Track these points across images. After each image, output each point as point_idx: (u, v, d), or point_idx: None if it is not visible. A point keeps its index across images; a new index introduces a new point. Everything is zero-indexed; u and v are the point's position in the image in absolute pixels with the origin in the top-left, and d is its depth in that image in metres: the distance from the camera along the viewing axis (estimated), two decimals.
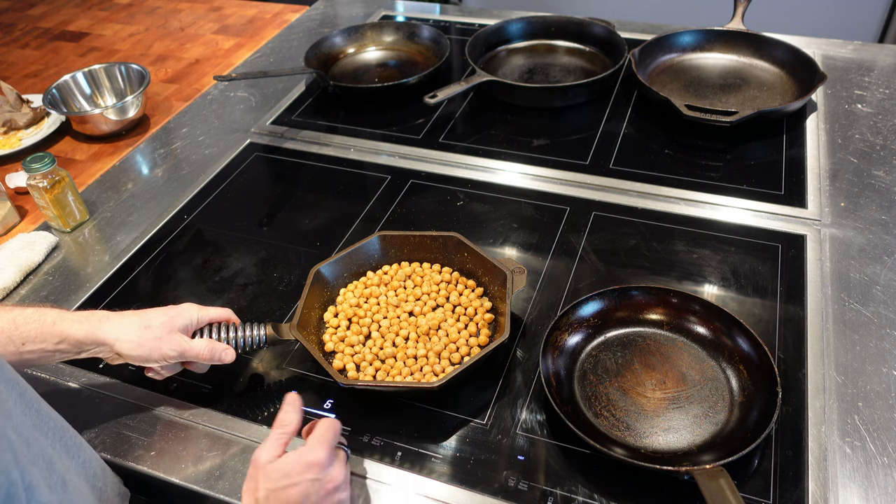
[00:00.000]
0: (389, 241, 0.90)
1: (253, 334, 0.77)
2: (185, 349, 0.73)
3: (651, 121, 1.20)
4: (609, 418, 0.73)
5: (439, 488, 0.69)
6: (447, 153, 1.16)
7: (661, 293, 0.82)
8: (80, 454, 0.63)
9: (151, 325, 0.72)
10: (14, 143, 1.26)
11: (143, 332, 0.71)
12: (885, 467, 0.69)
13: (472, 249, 0.87)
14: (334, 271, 0.87)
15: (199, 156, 1.20)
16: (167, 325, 0.72)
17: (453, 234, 0.88)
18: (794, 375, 0.77)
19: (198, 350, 0.73)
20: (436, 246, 0.90)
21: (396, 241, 0.90)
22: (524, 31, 1.42)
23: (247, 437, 0.75)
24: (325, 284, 0.86)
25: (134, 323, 0.72)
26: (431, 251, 0.90)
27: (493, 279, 0.85)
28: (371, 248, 0.90)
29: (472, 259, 0.87)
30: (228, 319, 0.78)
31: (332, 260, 0.87)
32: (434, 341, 0.80)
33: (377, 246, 0.90)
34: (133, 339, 0.71)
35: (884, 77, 1.28)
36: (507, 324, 0.76)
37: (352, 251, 0.88)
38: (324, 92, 1.34)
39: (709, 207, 1.01)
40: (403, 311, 0.84)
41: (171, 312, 0.74)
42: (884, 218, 0.98)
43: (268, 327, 0.77)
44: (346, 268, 0.88)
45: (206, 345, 0.74)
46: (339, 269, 0.88)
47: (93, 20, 1.77)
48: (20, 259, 0.97)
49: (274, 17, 1.72)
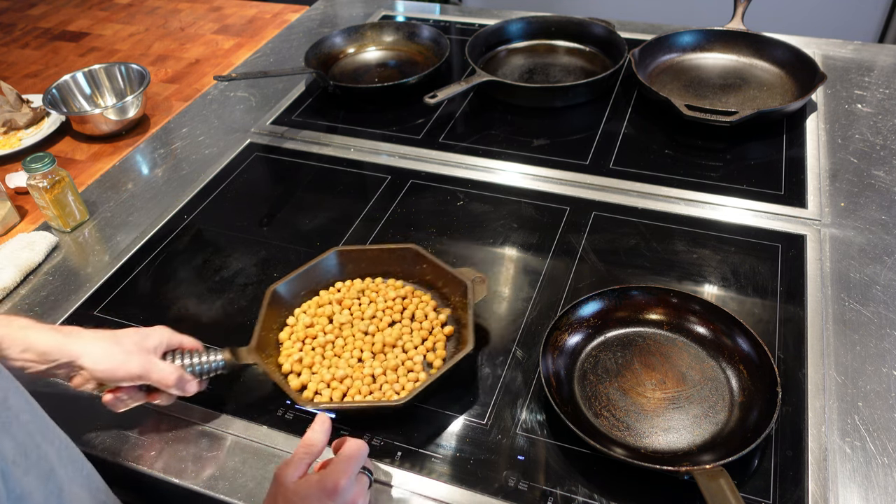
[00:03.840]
0: (346, 256, 0.88)
1: (210, 360, 0.74)
2: (152, 369, 0.70)
3: (651, 121, 1.20)
4: (609, 418, 0.73)
5: (439, 488, 0.69)
6: (447, 153, 1.16)
7: (661, 293, 0.82)
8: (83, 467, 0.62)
9: (121, 341, 0.70)
10: (14, 143, 1.26)
11: (111, 346, 0.69)
12: (885, 467, 0.69)
13: (430, 261, 0.85)
14: (291, 290, 0.85)
15: (199, 156, 1.20)
16: (137, 343, 0.70)
17: (410, 246, 0.87)
18: (794, 375, 0.77)
19: (164, 373, 0.70)
20: (394, 259, 0.88)
21: (353, 255, 0.88)
22: (524, 31, 1.42)
23: (247, 438, 0.75)
24: (283, 304, 0.84)
25: (103, 338, 0.70)
26: (390, 264, 0.88)
27: (454, 290, 0.83)
28: (328, 264, 0.87)
29: (431, 270, 0.86)
30: (196, 348, 0.76)
31: (288, 279, 0.84)
32: (391, 358, 0.78)
33: (334, 262, 0.88)
34: (99, 353, 0.68)
35: (884, 77, 1.28)
36: (471, 335, 0.75)
37: (308, 268, 0.86)
38: (324, 92, 1.34)
39: (709, 207, 1.01)
40: (359, 329, 0.82)
41: (143, 332, 0.72)
42: (884, 218, 0.98)
43: (226, 353, 0.75)
44: (304, 285, 0.86)
45: (173, 370, 0.71)
46: (297, 287, 0.85)
47: (93, 20, 1.77)
48: (20, 259, 0.97)
49: (274, 17, 1.72)
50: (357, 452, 0.63)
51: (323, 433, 0.65)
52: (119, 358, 0.69)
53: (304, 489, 0.60)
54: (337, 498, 0.60)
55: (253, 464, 0.73)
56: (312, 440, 0.64)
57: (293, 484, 0.61)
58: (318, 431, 0.65)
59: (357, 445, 0.64)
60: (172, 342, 0.74)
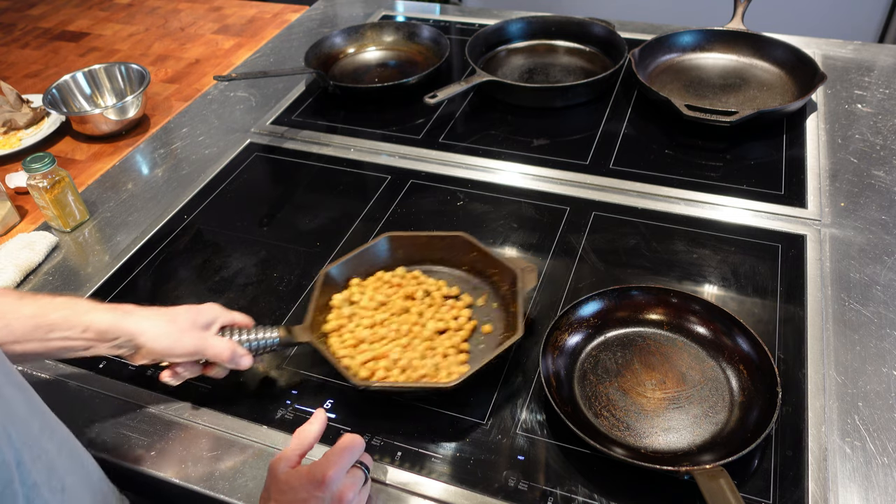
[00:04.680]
0: (397, 242, 0.90)
1: (266, 336, 0.77)
2: (207, 345, 0.72)
3: (651, 121, 1.20)
4: (609, 418, 0.73)
5: (439, 488, 0.69)
6: (447, 153, 1.16)
7: (661, 293, 0.82)
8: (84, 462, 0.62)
9: (176, 318, 0.72)
10: (14, 143, 1.26)
11: (167, 324, 0.71)
12: (885, 467, 0.69)
13: (480, 249, 0.87)
14: (343, 273, 0.87)
15: (199, 156, 1.20)
16: (191, 320, 0.73)
17: (460, 234, 0.88)
18: (794, 375, 0.77)
19: (218, 349, 0.72)
20: (443, 246, 0.89)
21: (404, 241, 0.90)
22: (524, 31, 1.42)
23: (247, 437, 0.75)
24: (334, 286, 0.86)
25: (159, 316, 0.72)
26: (440, 251, 0.90)
27: (503, 278, 0.85)
28: (379, 249, 0.89)
29: (480, 258, 0.87)
30: (249, 324, 0.78)
31: (340, 261, 0.86)
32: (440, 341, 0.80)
33: (385, 247, 0.90)
34: (157, 331, 0.70)
35: (884, 77, 1.28)
36: (521, 322, 0.76)
37: (360, 252, 0.88)
38: (324, 92, 1.34)
39: (709, 207, 1.01)
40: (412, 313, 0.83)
41: (195, 309, 0.74)
42: (884, 218, 0.98)
43: (281, 330, 0.77)
44: (354, 269, 0.88)
45: (228, 345, 0.73)
46: (348, 270, 0.87)
47: (93, 20, 1.77)
48: (20, 259, 0.97)
49: (274, 17, 1.72)
50: (350, 446, 0.64)
51: (317, 425, 0.66)
52: (175, 336, 0.71)
53: (294, 479, 0.61)
54: (325, 489, 0.60)
55: (253, 464, 0.73)
56: (305, 432, 0.65)
57: (284, 474, 0.62)
58: (314, 424, 0.66)
59: (351, 439, 0.65)
60: (225, 318, 0.76)
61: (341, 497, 0.61)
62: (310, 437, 0.66)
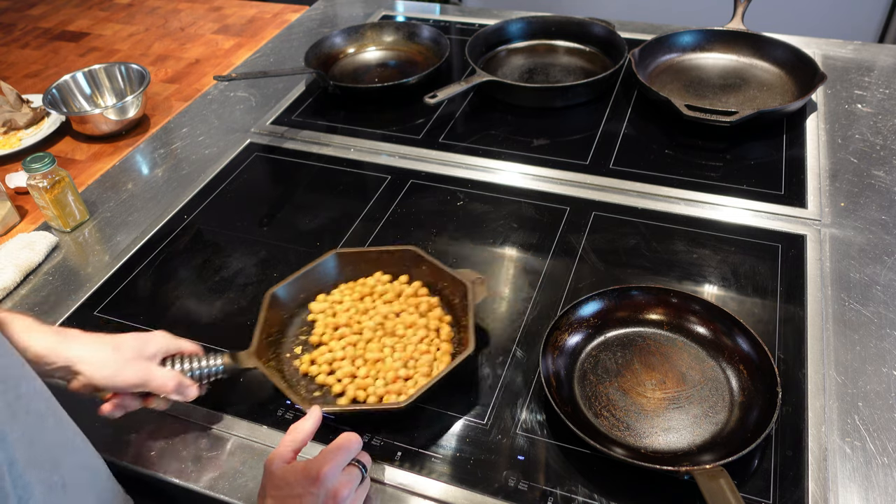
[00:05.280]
0: (345, 259, 0.88)
1: (209, 364, 0.74)
2: (151, 377, 0.69)
3: (651, 121, 1.20)
4: (609, 418, 0.73)
5: (439, 488, 0.69)
6: (447, 153, 1.16)
7: (661, 293, 0.82)
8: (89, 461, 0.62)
9: (120, 347, 0.69)
10: (14, 143, 1.26)
11: (111, 353, 0.68)
12: (885, 467, 0.69)
13: (429, 262, 0.85)
14: (290, 293, 0.84)
15: (199, 156, 1.20)
16: (137, 350, 0.70)
17: (410, 248, 0.86)
18: (794, 375, 0.77)
19: (163, 380, 0.69)
20: (393, 260, 0.87)
21: (352, 257, 0.88)
22: (524, 31, 1.42)
23: (247, 437, 0.75)
24: (281, 307, 0.84)
25: (103, 344, 0.69)
26: (389, 266, 0.88)
27: (454, 291, 0.83)
28: (327, 267, 0.87)
29: (430, 272, 0.85)
30: (196, 352, 0.76)
31: (286, 282, 0.84)
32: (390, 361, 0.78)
33: (333, 264, 0.87)
34: (98, 360, 0.67)
35: (884, 77, 1.28)
36: (472, 337, 0.75)
37: (307, 271, 0.85)
38: (324, 92, 1.34)
39: (709, 207, 1.01)
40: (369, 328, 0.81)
41: (142, 338, 0.72)
42: (884, 218, 0.98)
43: (225, 357, 0.75)
44: (303, 289, 0.86)
45: (173, 375, 0.70)
46: (295, 290, 0.85)
47: (93, 20, 1.77)
48: (20, 259, 0.97)
49: (274, 17, 1.72)
50: (346, 443, 0.64)
51: (311, 422, 0.66)
52: (118, 365, 0.68)
53: (289, 475, 0.61)
54: (320, 485, 0.60)
55: (253, 464, 0.73)
56: (299, 428, 0.66)
57: (279, 470, 0.62)
58: (307, 420, 0.67)
59: (347, 437, 0.65)
60: (171, 348, 0.74)
61: (336, 494, 0.61)
62: (304, 433, 0.66)
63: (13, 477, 0.49)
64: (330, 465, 0.61)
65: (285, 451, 0.64)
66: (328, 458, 0.62)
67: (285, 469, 0.62)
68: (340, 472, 0.63)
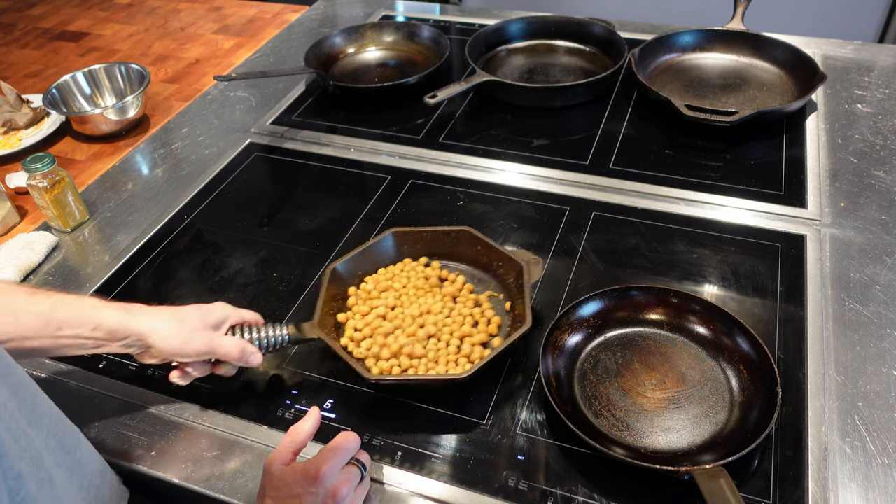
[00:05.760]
0: (403, 238, 0.91)
1: (276, 334, 0.77)
2: (217, 345, 0.72)
3: (651, 121, 1.20)
4: (609, 418, 0.73)
5: (439, 488, 0.69)
6: (447, 153, 1.16)
7: (661, 293, 0.82)
8: (76, 451, 0.62)
9: (186, 318, 0.72)
10: (14, 143, 1.26)
11: (177, 324, 0.71)
12: (885, 467, 0.69)
13: (485, 242, 0.88)
14: (349, 269, 0.88)
15: (199, 156, 1.20)
16: (201, 320, 0.73)
17: (465, 228, 0.89)
18: (794, 375, 0.77)
19: (228, 348, 0.73)
20: (448, 240, 0.90)
21: (409, 237, 0.91)
22: (524, 31, 1.42)
23: (247, 437, 0.75)
24: (341, 282, 0.87)
25: (169, 316, 0.72)
26: (444, 245, 0.90)
27: (509, 271, 0.85)
28: (384, 245, 0.90)
29: (485, 252, 0.88)
30: (258, 322, 0.78)
31: (347, 257, 0.87)
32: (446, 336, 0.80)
33: (391, 242, 0.91)
34: (167, 331, 0.70)
35: (884, 77, 1.28)
36: (528, 313, 0.77)
37: (366, 248, 0.89)
38: (324, 92, 1.34)
39: (709, 207, 1.01)
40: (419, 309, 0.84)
41: (204, 308, 0.74)
42: (884, 218, 0.98)
43: (290, 327, 0.78)
44: (361, 265, 0.89)
45: (237, 344, 0.73)
46: (354, 266, 0.88)
47: (93, 20, 1.77)
48: (20, 259, 0.97)
49: (274, 17, 1.72)
50: (345, 443, 0.64)
51: (311, 423, 0.67)
52: (185, 336, 0.71)
53: (288, 476, 0.62)
54: (319, 485, 0.60)
55: (253, 464, 0.73)
56: (298, 429, 0.66)
57: (278, 471, 0.62)
58: (306, 421, 0.67)
59: (346, 437, 0.65)
60: (232, 316, 0.76)
61: (335, 493, 0.61)
62: (303, 434, 0.66)
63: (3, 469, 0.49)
64: (328, 465, 0.61)
65: (284, 452, 0.64)
66: (327, 458, 0.62)
67: (284, 470, 0.62)
68: (339, 471, 0.63)
